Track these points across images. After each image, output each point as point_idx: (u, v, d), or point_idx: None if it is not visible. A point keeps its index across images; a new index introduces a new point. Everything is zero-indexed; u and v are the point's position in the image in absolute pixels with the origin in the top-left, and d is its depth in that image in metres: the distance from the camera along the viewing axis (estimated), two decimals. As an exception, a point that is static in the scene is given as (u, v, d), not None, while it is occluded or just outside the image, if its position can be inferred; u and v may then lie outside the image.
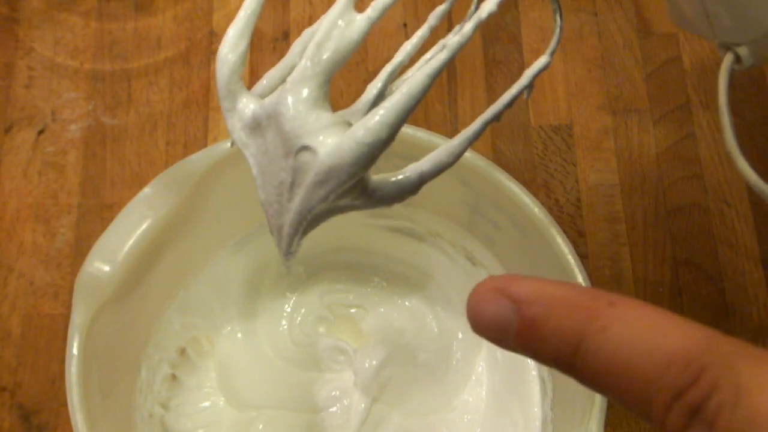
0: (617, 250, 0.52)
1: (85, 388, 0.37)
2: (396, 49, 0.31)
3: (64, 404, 0.37)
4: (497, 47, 0.58)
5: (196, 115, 0.55)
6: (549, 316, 0.20)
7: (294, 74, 0.25)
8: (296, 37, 0.63)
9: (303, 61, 0.25)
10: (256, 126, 0.27)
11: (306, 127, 0.25)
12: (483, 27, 0.58)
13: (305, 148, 0.25)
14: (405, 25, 0.58)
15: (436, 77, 0.25)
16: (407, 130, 0.41)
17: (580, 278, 0.39)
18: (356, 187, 0.25)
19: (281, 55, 0.57)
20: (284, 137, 0.25)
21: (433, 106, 0.56)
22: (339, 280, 0.50)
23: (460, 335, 0.48)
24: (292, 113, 0.25)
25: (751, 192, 0.54)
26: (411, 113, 0.24)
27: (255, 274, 0.48)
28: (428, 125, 0.54)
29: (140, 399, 0.43)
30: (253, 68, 0.56)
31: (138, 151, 0.54)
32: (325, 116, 0.25)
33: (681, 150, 0.55)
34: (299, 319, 0.49)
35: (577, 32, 0.58)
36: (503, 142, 0.55)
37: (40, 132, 0.54)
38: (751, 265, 0.52)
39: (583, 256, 0.51)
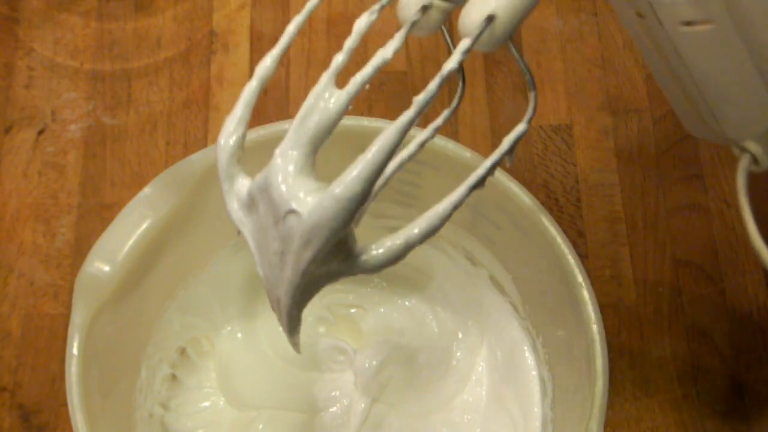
0: (617, 250, 0.52)
1: (85, 388, 0.37)
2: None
3: (64, 404, 0.37)
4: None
5: (196, 115, 0.55)
6: None
7: (281, 145, 0.27)
8: (296, 37, 0.63)
9: (289, 133, 0.27)
10: (251, 203, 0.28)
11: (292, 192, 0.26)
12: (483, 27, 0.58)
13: (291, 211, 0.26)
14: (405, 25, 0.58)
15: (405, 132, 0.26)
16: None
17: (580, 278, 0.39)
18: (342, 249, 0.27)
19: (281, 55, 0.57)
20: (273, 204, 0.27)
21: (433, 107, 0.55)
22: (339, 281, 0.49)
23: (460, 335, 0.48)
24: (279, 180, 0.26)
25: (752, 195, 0.54)
26: (384, 167, 0.26)
27: (255, 274, 0.48)
28: (425, 125, 0.54)
29: (140, 399, 0.43)
30: (253, 69, 0.56)
31: (138, 151, 0.54)
32: (311, 183, 0.27)
33: (681, 150, 0.55)
34: (299, 319, 0.49)
35: (577, 32, 0.58)
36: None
37: (40, 132, 0.54)
38: (751, 265, 0.52)
39: (583, 256, 0.51)
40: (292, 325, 0.30)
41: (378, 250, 0.27)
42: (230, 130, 0.29)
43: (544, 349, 0.44)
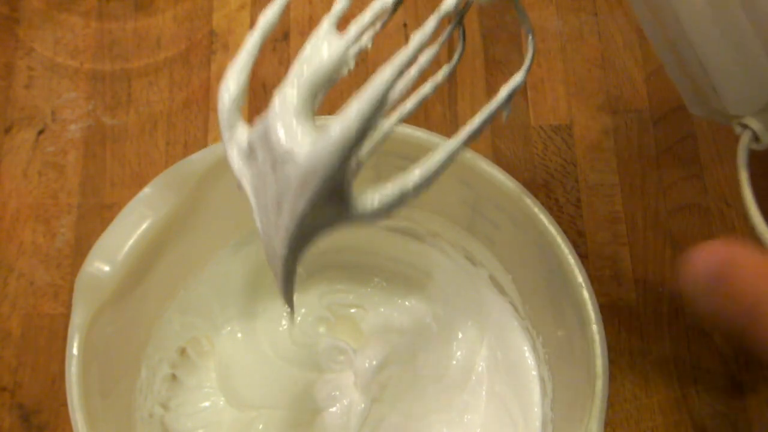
0: (617, 250, 0.52)
1: (85, 388, 0.37)
2: (396, 48, 0.32)
3: (64, 404, 0.37)
4: (497, 47, 0.58)
5: (196, 115, 0.55)
6: (741, 274, 0.23)
7: (280, 90, 0.27)
8: (296, 37, 0.63)
9: (288, 77, 0.27)
10: (251, 152, 0.28)
11: (289, 136, 0.26)
12: (483, 27, 0.58)
13: (287, 153, 0.25)
14: (405, 25, 0.58)
15: (400, 70, 0.26)
16: (407, 130, 0.41)
17: (580, 278, 0.39)
18: (338, 196, 0.26)
19: (281, 56, 0.57)
20: (272, 149, 0.26)
21: (433, 107, 0.56)
22: (339, 280, 0.50)
23: (460, 335, 0.48)
24: (278, 125, 0.26)
25: (755, 190, 0.54)
26: (380, 106, 0.25)
27: (255, 274, 0.48)
28: (428, 125, 0.54)
29: (140, 399, 0.43)
30: (254, 69, 0.56)
31: (138, 151, 0.54)
32: (308, 126, 0.26)
33: (681, 150, 0.55)
34: (299, 319, 0.49)
35: (577, 32, 0.58)
36: (503, 142, 0.55)
37: (40, 132, 0.54)
38: None
39: (583, 256, 0.51)
40: (288, 278, 0.28)
41: (374, 197, 0.26)
42: (233, 77, 0.29)
43: (544, 349, 0.44)
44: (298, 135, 0.26)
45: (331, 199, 0.25)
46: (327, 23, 0.27)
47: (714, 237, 0.52)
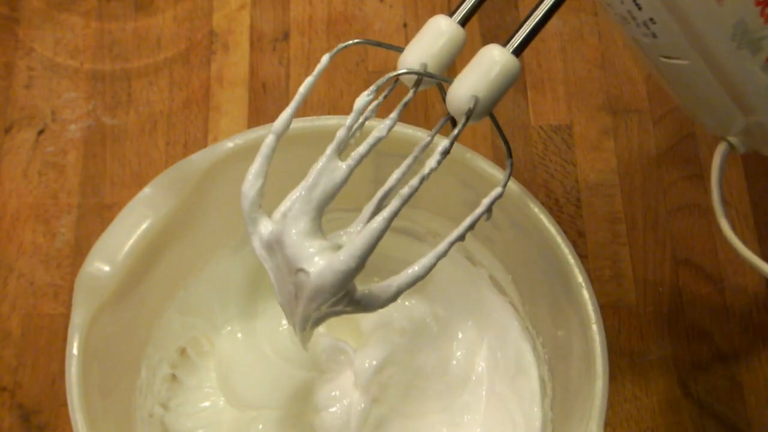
0: (617, 250, 0.52)
1: (85, 388, 0.37)
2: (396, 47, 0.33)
3: (64, 404, 0.37)
4: (497, 47, 0.57)
5: (196, 115, 0.55)
6: None
7: (291, 211, 0.32)
8: (296, 37, 0.63)
9: (298, 202, 0.32)
10: (269, 247, 0.33)
11: (301, 254, 0.32)
12: (483, 27, 0.58)
13: (301, 270, 0.32)
14: (405, 25, 0.58)
15: (391, 221, 0.31)
16: (407, 130, 0.41)
17: (580, 278, 0.39)
18: (344, 297, 0.32)
19: (281, 56, 0.57)
20: (287, 260, 0.32)
21: (433, 107, 0.56)
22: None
23: (460, 335, 0.48)
24: (291, 242, 0.32)
25: (751, 192, 0.54)
26: (374, 247, 0.31)
27: (255, 274, 0.48)
28: (428, 125, 0.54)
29: (140, 399, 0.43)
30: (253, 69, 0.56)
31: (138, 151, 0.54)
32: (317, 243, 0.32)
33: (681, 150, 0.55)
34: (299, 319, 0.49)
35: (577, 32, 0.58)
36: (503, 142, 0.55)
37: (40, 132, 0.54)
38: (752, 265, 0.52)
39: (583, 256, 0.51)
40: (305, 339, 0.36)
41: (374, 295, 0.32)
42: (251, 182, 0.33)
43: (544, 349, 0.44)
44: (308, 253, 0.32)
45: (338, 300, 0.32)
46: (330, 151, 0.32)
47: (714, 237, 0.52)
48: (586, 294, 0.39)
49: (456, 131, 0.31)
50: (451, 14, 0.34)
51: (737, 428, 0.48)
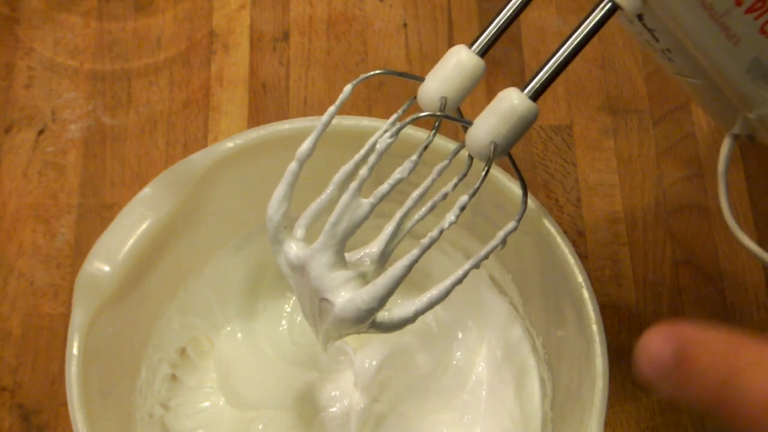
0: (617, 250, 0.52)
1: (85, 388, 0.37)
2: (396, 48, 0.34)
3: (64, 404, 0.37)
4: (497, 47, 0.57)
5: (196, 115, 0.55)
6: (702, 352, 0.22)
7: (316, 244, 0.34)
8: (296, 37, 0.63)
9: (322, 236, 0.34)
10: (294, 268, 0.35)
11: (325, 286, 0.34)
12: (483, 27, 0.58)
13: (325, 300, 0.34)
14: (405, 25, 0.58)
15: (411, 267, 0.33)
16: (408, 130, 0.41)
17: (580, 278, 0.39)
18: (365, 324, 0.34)
19: (281, 55, 0.57)
20: (311, 288, 0.34)
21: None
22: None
23: (460, 335, 0.48)
24: (316, 273, 0.34)
25: (751, 192, 0.54)
26: (395, 290, 0.33)
27: (255, 274, 0.48)
28: (428, 125, 0.54)
29: (140, 399, 0.43)
30: (253, 69, 0.56)
31: (138, 151, 0.54)
32: (341, 275, 0.34)
33: (681, 150, 0.55)
34: (299, 319, 0.49)
35: (577, 32, 0.58)
36: (503, 142, 0.55)
37: (40, 132, 0.54)
38: (751, 265, 0.52)
39: (583, 256, 0.51)
40: (326, 347, 0.38)
41: (392, 317, 0.34)
42: (276, 207, 0.35)
43: (544, 349, 0.44)
44: (332, 285, 0.34)
45: (359, 328, 0.34)
46: (353, 189, 0.33)
47: (714, 237, 0.52)
48: (586, 294, 0.39)
49: (477, 184, 0.33)
50: (470, 45, 0.34)
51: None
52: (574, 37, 0.32)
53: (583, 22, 0.32)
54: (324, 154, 0.35)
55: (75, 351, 0.37)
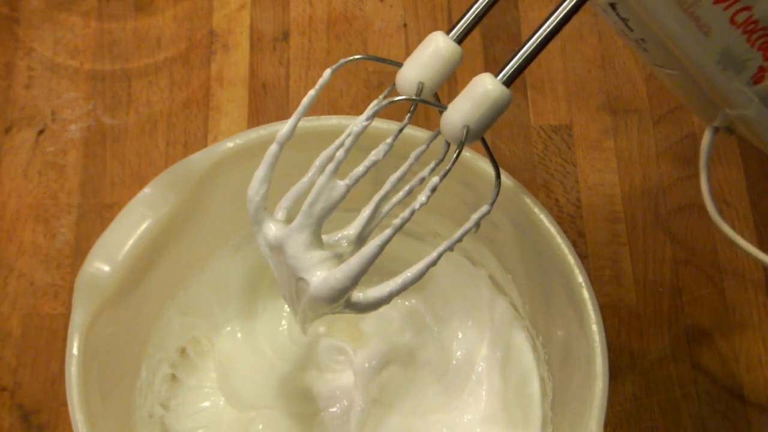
0: (617, 250, 0.52)
1: (85, 388, 0.37)
2: (396, 48, 0.34)
3: (64, 404, 0.37)
4: (497, 47, 0.58)
5: (196, 115, 0.55)
6: None
7: (293, 224, 0.34)
8: (296, 37, 0.63)
9: (299, 217, 0.34)
10: (273, 248, 0.36)
11: (302, 265, 0.34)
12: (483, 27, 0.58)
13: (301, 279, 0.34)
14: (405, 25, 0.58)
15: (383, 247, 0.33)
16: (407, 130, 0.41)
17: (580, 278, 0.39)
18: (340, 303, 0.35)
19: (281, 55, 0.57)
20: (288, 266, 0.35)
21: (434, 108, 0.55)
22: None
23: (460, 335, 0.48)
24: (293, 252, 0.34)
25: (751, 192, 0.54)
26: (368, 269, 0.33)
27: (255, 274, 0.48)
28: (428, 125, 0.54)
29: (140, 399, 0.43)
30: (253, 69, 0.56)
31: (138, 151, 0.54)
32: (317, 255, 0.34)
33: (681, 150, 0.55)
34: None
35: (577, 32, 0.58)
36: (503, 142, 0.55)
37: (40, 132, 0.54)
38: (751, 265, 0.52)
39: (583, 256, 0.51)
40: (305, 329, 0.38)
41: (368, 298, 0.34)
42: (256, 188, 0.35)
43: (544, 349, 0.44)
44: (308, 264, 0.34)
45: (334, 306, 0.35)
46: (329, 171, 0.33)
47: (714, 237, 0.52)
48: (586, 294, 0.39)
49: (449, 166, 0.33)
50: (448, 31, 0.34)
51: (737, 428, 0.48)
52: (546, 25, 0.32)
53: (555, 11, 0.32)
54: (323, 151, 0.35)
55: (75, 351, 0.37)
